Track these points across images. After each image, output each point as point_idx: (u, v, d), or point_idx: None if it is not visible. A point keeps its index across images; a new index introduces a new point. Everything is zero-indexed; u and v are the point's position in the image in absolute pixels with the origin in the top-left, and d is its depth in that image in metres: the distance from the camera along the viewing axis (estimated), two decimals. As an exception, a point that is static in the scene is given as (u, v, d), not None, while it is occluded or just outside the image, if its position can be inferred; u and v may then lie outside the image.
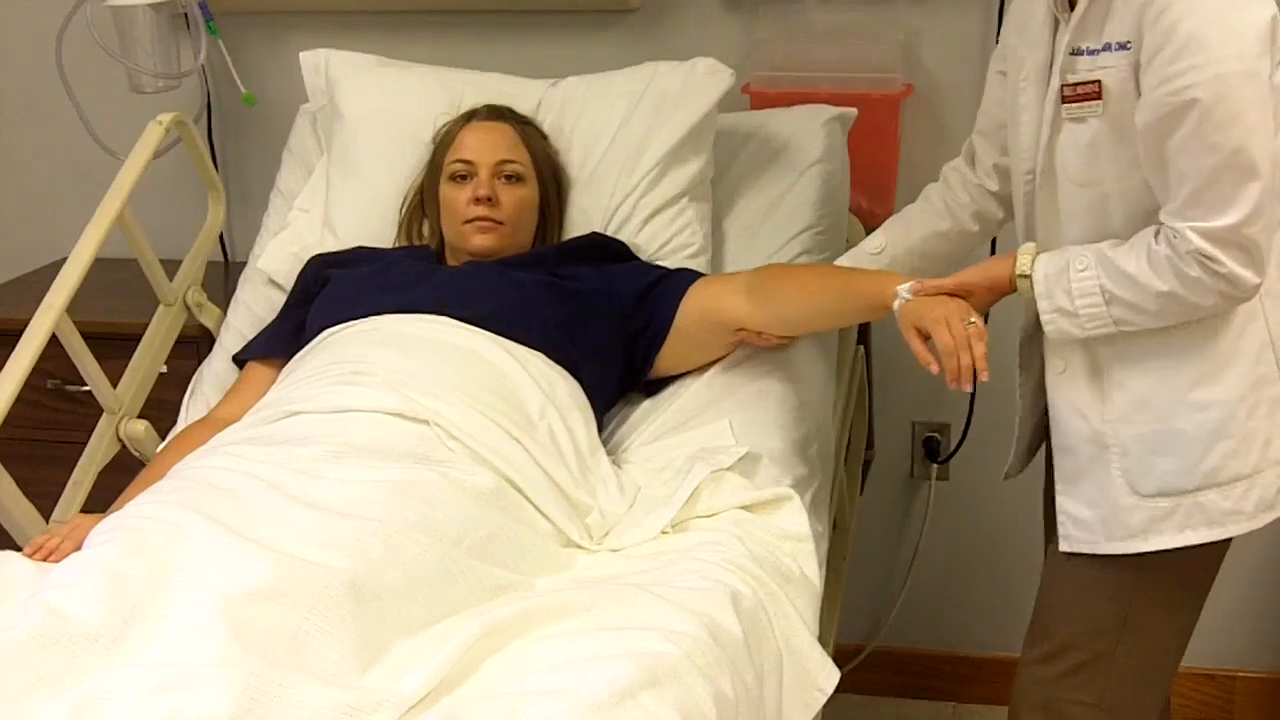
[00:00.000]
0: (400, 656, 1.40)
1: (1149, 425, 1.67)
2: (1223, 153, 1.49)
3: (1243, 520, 1.67)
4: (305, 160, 2.45)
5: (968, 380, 1.66)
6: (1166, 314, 1.60)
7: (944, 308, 1.69)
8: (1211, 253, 1.52)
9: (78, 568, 1.48)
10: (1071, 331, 1.65)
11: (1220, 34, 1.48)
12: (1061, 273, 1.64)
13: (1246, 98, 1.49)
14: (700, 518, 1.76)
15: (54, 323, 1.95)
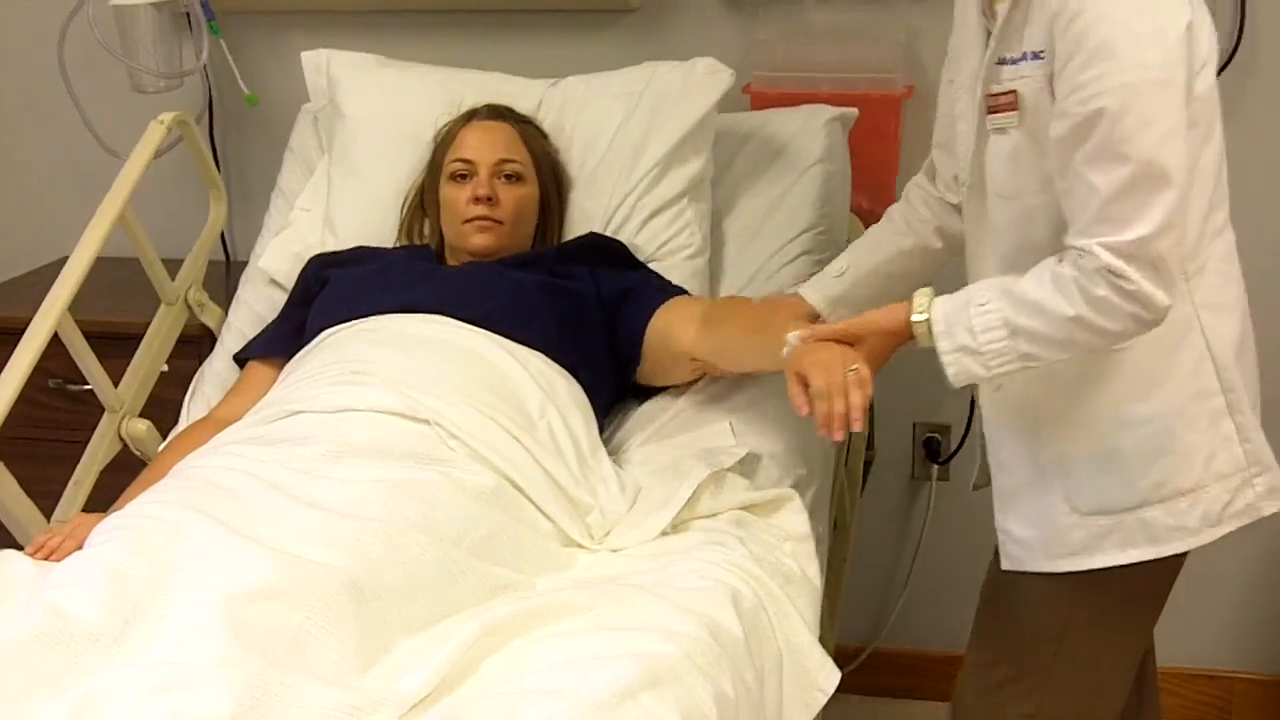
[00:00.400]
0: (401, 656, 1.40)
1: (1086, 443, 1.62)
2: (1132, 163, 1.43)
3: (1187, 536, 1.62)
4: (306, 160, 2.45)
5: (839, 428, 1.60)
6: (1074, 343, 1.52)
7: (827, 353, 1.64)
8: (1120, 268, 1.45)
9: (79, 567, 1.48)
10: (976, 371, 1.55)
11: (1130, 42, 1.43)
12: (962, 310, 1.56)
13: (1157, 106, 1.43)
14: (701, 518, 1.76)
15: (56, 322, 1.96)
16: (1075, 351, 1.54)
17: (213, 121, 2.70)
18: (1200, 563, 2.53)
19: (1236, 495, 1.61)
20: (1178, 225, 1.46)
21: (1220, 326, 1.60)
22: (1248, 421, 1.61)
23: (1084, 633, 1.70)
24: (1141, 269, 1.45)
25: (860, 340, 1.67)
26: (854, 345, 1.67)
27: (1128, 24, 1.44)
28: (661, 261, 2.17)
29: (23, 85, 2.79)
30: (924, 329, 1.59)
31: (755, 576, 1.62)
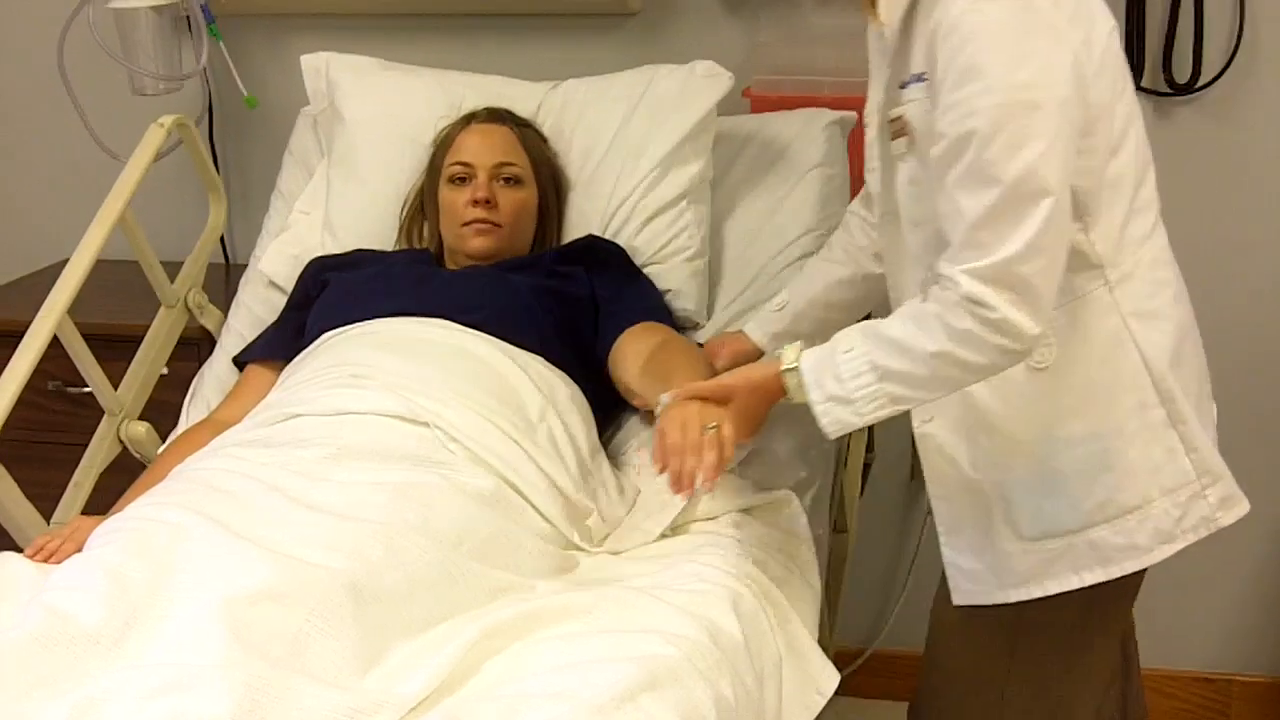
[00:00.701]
0: (401, 658, 1.41)
1: (1024, 467, 1.58)
2: (1000, 186, 1.38)
3: (1140, 555, 1.56)
4: (306, 163, 2.45)
5: (688, 485, 1.56)
6: (942, 380, 1.47)
7: (686, 410, 1.61)
8: (981, 296, 1.39)
9: (79, 569, 1.48)
10: (849, 419, 1.50)
11: (1000, 62, 1.38)
12: (828, 358, 1.51)
13: (1029, 128, 1.37)
14: (700, 521, 1.76)
15: (55, 324, 1.96)
16: (948, 389, 1.50)
17: (212, 124, 2.71)
18: (1198, 566, 2.55)
19: (1189, 509, 1.56)
20: (1047, 249, 1.40)
21: (1153, 335, 1.55)
22: (1192, 431, 1.55)
23: (1034, 659, 1.65)
24: (1005, 294, 1.39)
25: (730, 397, 1.63)
26: (725, 403, 1.63)
27: (998, 43, 1.39)
28: (661, 264, 2.18)
29: (23, 88, 2.79)
30: (794, 381, 1.55)
31: (754, 579, 1.62)
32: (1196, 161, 2.41)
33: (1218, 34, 2.34)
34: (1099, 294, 1.53)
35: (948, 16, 1.41)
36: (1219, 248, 2.43)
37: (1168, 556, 1.57)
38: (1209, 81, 2.35)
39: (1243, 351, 2.46)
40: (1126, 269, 1.54)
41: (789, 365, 1.55)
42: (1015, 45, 1.39)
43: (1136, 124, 1.54)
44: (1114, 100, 1.50)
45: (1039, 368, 1.53)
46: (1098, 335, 1.52)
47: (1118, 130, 1.51)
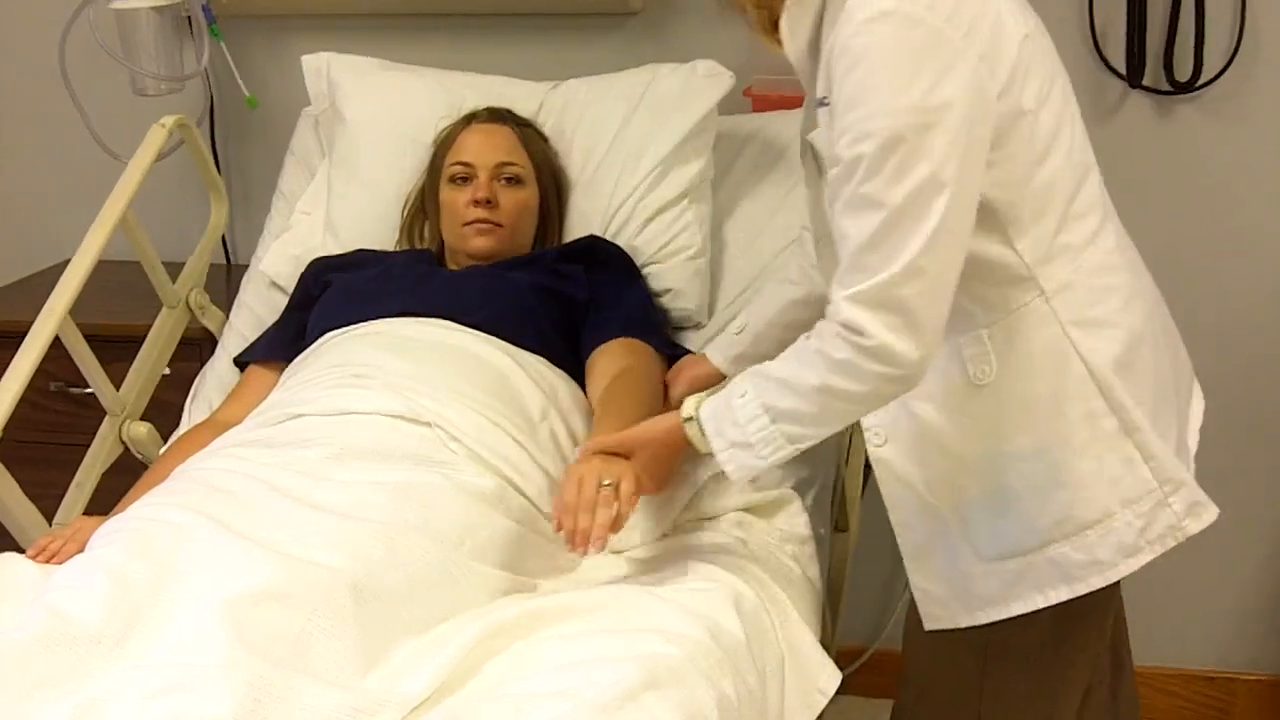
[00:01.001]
0: (403, 658, 1.41)
1: (978, 488, 1.54)
2: (886, 210, 1.35)
3: (1104, 570, 1.51)
4: (307, 163, 2.45)
5: (581, 543, 1.53)
6: (833, 414, 1.44)
7: (586, 466, 1.59)
8: (858, 322, 1.36)
9: (81, 570, 1.48)
10: (753, 464, 1.48)
11: (890, 83, 1.34)
12: (725, 404, 1.50)
13: (918, 152, 1.34)
14: (702, 520, 1.76)
15: (57, 325, 1.96)
16: (840, 422, 1.47)
17: (214, 125, 2.71)
18: (1201, 565, 2.56)
19: (1152, 519, 1.50)
20: (929, 271, 1.36)
21: (1098, 344, 1.49)
22: (1148, 439, 1.50)
23: (1005, 681, 1.62)
24: (884, 317, 1.36)
25: (633, 451, 1.61)
26: (630, 456, 1.61)
27: (886, 65, 1.35)
28: (662, 263, 2.18)
29: (24, 88, 2.79)
30: (695, 431, 1.54)
31: (757, 578, 1.62)
32: (1198, 160, 2.40)
33: (1219, 32, 2.33)
34: (1035, 305, 1.48)
35: (839, 39, 1.38)
36: (1221, 246, 2.43)
37: (1135, 570, 1.52)
38: (1210, 80, 2.35)
39: (1244, 351, 2.46)
40: (1064, 278, 1.49)
41: (688, 415, 1.55)
42: (904, 66, 1.35)
43: (1070, 129, 1.49)
44: (1037, 107, 1.45)
45: (980, 384, 1.51)
46: (1037, 347, 1.49)
47: (1043, 137, 1.46)
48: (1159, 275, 1.66)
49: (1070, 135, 1.49)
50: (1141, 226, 1.68)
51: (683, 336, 2.17)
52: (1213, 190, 2.41)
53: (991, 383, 1.50)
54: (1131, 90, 2.38)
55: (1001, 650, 1.61)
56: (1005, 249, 1.47)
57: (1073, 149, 1.50)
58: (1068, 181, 1.49)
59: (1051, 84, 1.48)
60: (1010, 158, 1.44)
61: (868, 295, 1.37)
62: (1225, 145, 2.39)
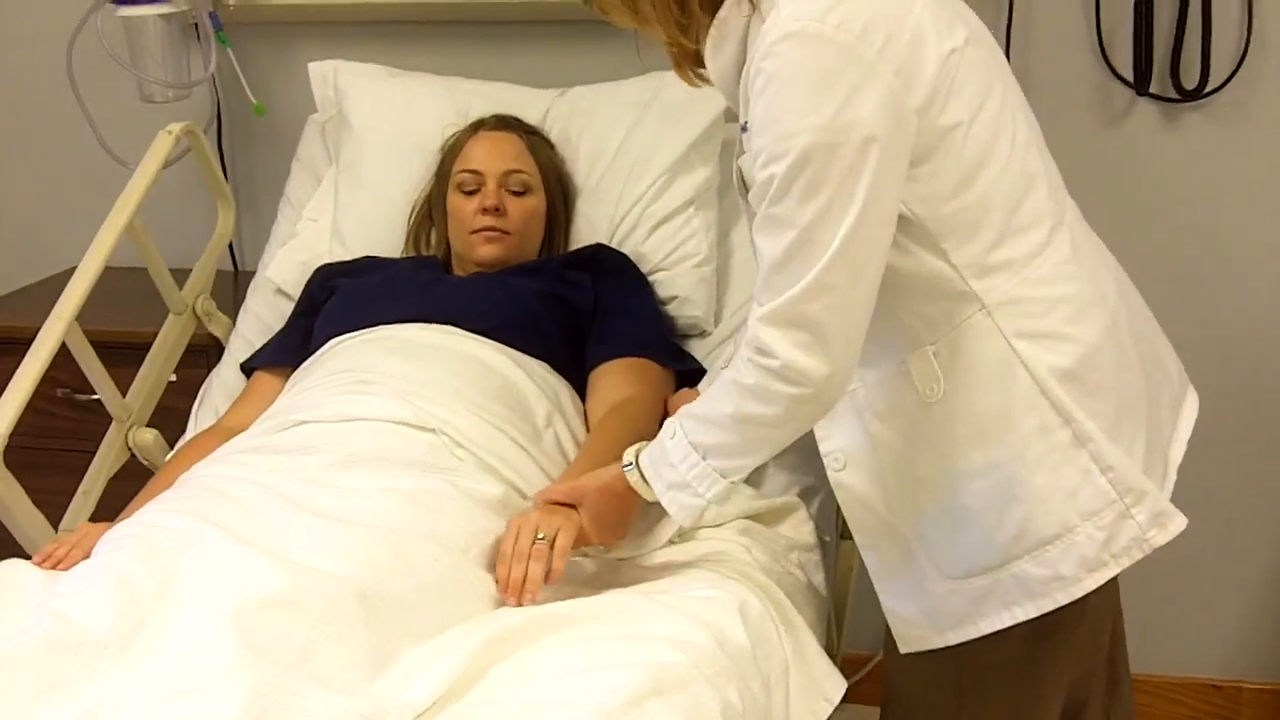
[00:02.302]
0: (409, 664, 1.40)
1: (935, 506, 1.52)
2: (796, 228, 1.35)
3: (1067, 586, 1.48)
4: (314, 170, 2.46)
5: (514, 593, 1.54)
6: (754, 441, 1.46)
7: (524, 518, 1.60)
8: (765, 342, 1.38)
9: (87, 576, 1.49)
10: (692, 503, 1.50)
11: (797, 105, 1.34)
12: (659, 447, 1.52)
13: (827, 170, 1.33)
14: (707, 527, 1.76)
15: (64, 331, 1.96)
16: (767, 449, 1.48)
17: (221, 131, 2.71)
18: (1207, 572, 2.55)
19: (1115, 531, 1.47)
20: (836, 286, 1.36)
21: (1045, 355, 1.46)
22: (1104, 450, 1.46)
23: (982, 699, 1.60)
24: (788, 334, 1.37)
25: (581, 501, 1.62)
26: (578, 506, 1.62)
27: (791, 86, 1.35)
28: (669, 270, 2.18)
29: (32, 95, 2.80)
30: (636, 477, 1.55)
31: (762, 586, 1.62)
32: (1205, 167, 2.40)
33: (1225, 39, 2.33)
34: (977, 320, 1.46)
35: (753, 63, 1.38)
36: (1228, 253, 2.42)
37: (1100, 584, 1.49)
38: (1217, 87, 2.35)
39: (1249, 358, 2.46)
40: (1007, 291, 1.46)
41: (627, 462, 1.56)
42: (812, 86, 1.34)
43: (1008, 142, 1.46)
44: (969, 121, 1.42)
45: (930, 401, 1.49)
46: (983, 361, 1.47)
47: (974, 151, 1.43)
48: (1162, 281, 1.65)
49: (1009, 147, 1.46)
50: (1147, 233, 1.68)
51: (689, 344, 2.17)
52: (1219, 197, 2.41)
53: (941, 400, 1.49)
54: (1138, 98, 2.38)
55: (977, 670, 1.59)
56: (942, 263, 1.45)
57: (1015, 159, 1.46)
58: (1007, 193, 1.46)
59: (987, 95, 1.45)
60: (935, 173, 1.42)
61: (776, 314, 1.38)
62: (1232, 152, 2.39)
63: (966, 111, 1.42)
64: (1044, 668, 1.59)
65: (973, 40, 1.45)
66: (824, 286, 1.36)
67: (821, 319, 1.37)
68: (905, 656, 1.63)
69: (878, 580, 1.63)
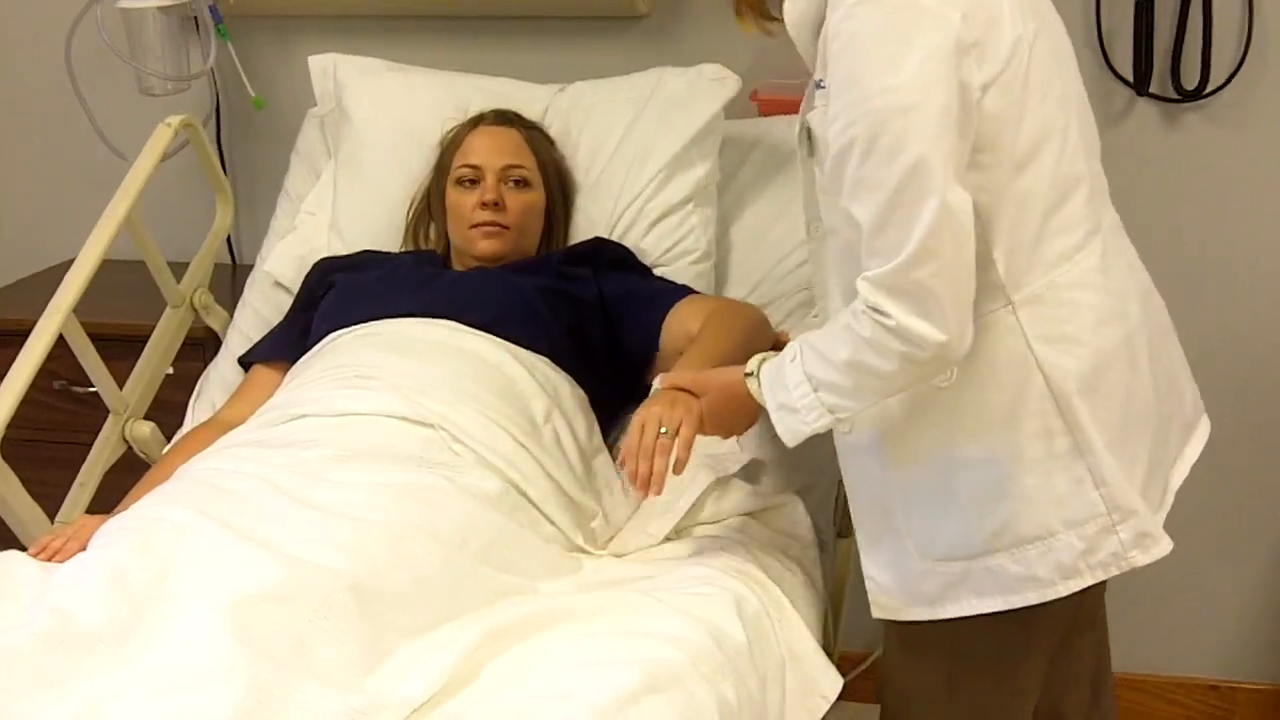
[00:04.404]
0: (405, 659, 1.40)
1: (927, 487, 1.54)
2: (885, 192, 1.35)
3: (1038, 587, 1.49)
4: (313, 163, 2.45)
5: (641, 487, 1.59)
6: (864, 389, 1.46)
7: (649, 410, 1.63)
8: (878, 303, 1.38)
9: (83, 569, 1.49)
10: (798, 428, 1.51)
11: (874, 67, 1.35)
12: (779, 366, 1.53)
13: (908, 131, 1.34)
14: (704, 524, 1.76)
15: (61, 324, 1.96)
16: (875, 397, 1.48)
17: (220, 125, 2.71)
18: (1204, 573, 2.55)
19: (1096, 544, 1.48)
20: (941, 252, 1.36)
21: (1063, 361, 1.47)
22: (1102, 464, 1.47)
23: (969, 686, 1.62)
24: (900, 301, 1.37)
25: (705, 392, 1.65)
26: (700, 396, 1.65)
27: (871, 48, 1.36)
28: (667, 266, 2.18)
29: (30, 87, 2.79)
30: (755, 385, 1.57)
31: (759, 583, 1.62)
32: (1205, 168, 2.40)
33: (1226, 40, 2.33)
34: (1000, 315, 1.47)
35: (831, 24, 1.39)
36: (1227, 254, 2.42)
37: (1071, 593, 1.51)
38: (1217, 88, 2.35)
39: (1249, 358, 2.46)
40: (1034, 291, 1.47)
41: (749, 370, 1.58)
42: (889, 49, 1.36)
43: (1060, 139, 1.47)
44: (1020, 114, 1.43)
45: (941, 386, 1.48)
46: (999, 357, 1.47)
47: (1026, 144, 1.44)
48: (1161, 281, 1.65)
49: (1060, 145, 1.47)
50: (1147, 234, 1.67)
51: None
52: (1219, 198, 2.41)
53: (951, 387, 1.49)
54: (1138, 98, 2.38)
55: (961, 657, 1.61)
56: (983, 253, 1.45)
57: (1062, 161, 1.47)
58: (1048, 194, 1.46)
59: (1047, 90, 1.46)
60: (993, 163, 1.43)
61: (885, 280, 1.38)
62: (1232, 153, 2.39)
63: (1025, 102, 1.44)
64: (1027, 659, 1.61)
65: (1042, 34, 1.47)
66: (930, 252, 1.36)
67: (931, 286, 1.37)
68: (900, 650, 1.64)
69: (861, 545, 1.64)
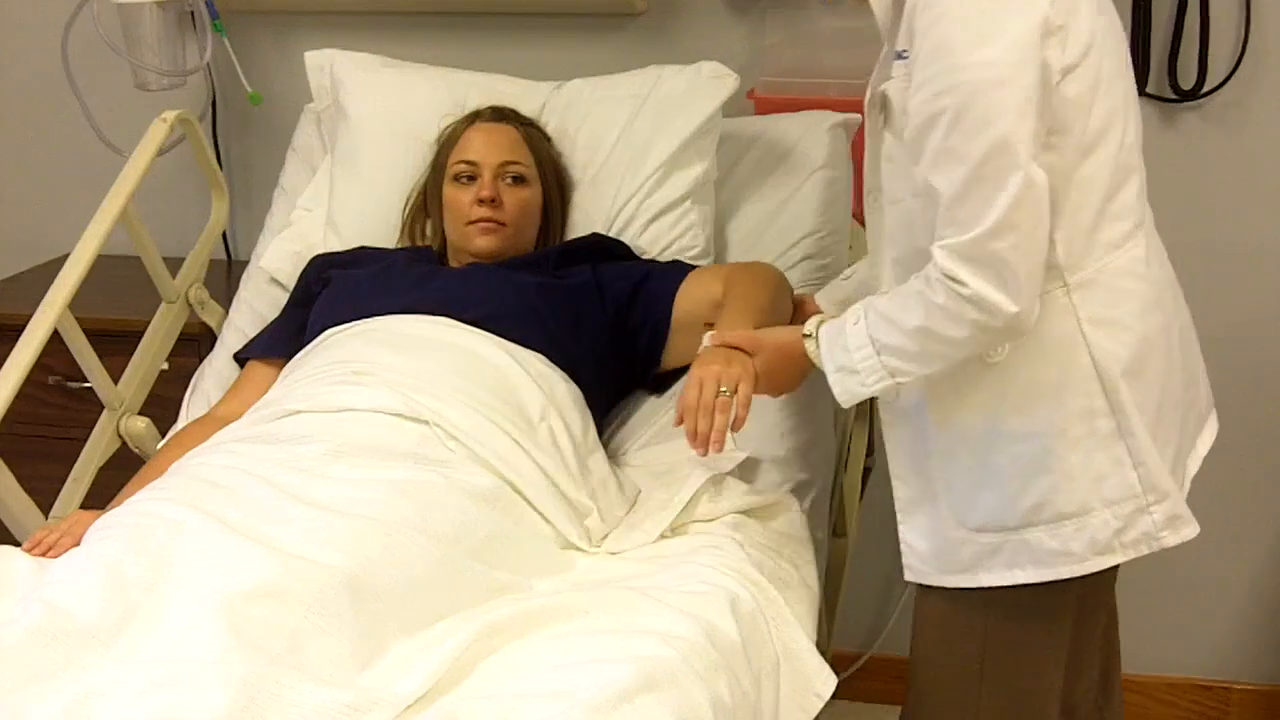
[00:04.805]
0: (398, 656, 1.40)
1: (969, 458, 1.57)
2: (969, 164, 1.39)
3: (1072, 562, 1.54)
4: (309, 159, 2.45)
5: (701, 444, 1.64)
6: (930, 355, 1.50)
7: (706, 368, 1.67)
8: (955, 271, 1.42)
9: (77, 564, 1.48)
10: (856, 390, 1.56)
11: (966, 40, 1.39)
12: (840, 328, 1.57)
13: (995, 106, 1.38)
14: (699, 522, 1.76)
15: (56, 319, 1.95)
16: (938, 364, 1.51)
17: (216, 120, 2.71)
18: (1197, 573, 2.55)
19: (1130, 523, 1.53)
20: (1020, 225, 1.40)
21: (1110, 344, 1.52)
22: (1141, 445, 1.52)
23: (1002, 659, 1.64)
24: (977, 270, 1.41)
25: (759, 351, 1.70)
26: (753, 355, 1.70)
27: (966, 21, 1.40)
28: (664, 264, 2.17)
29: (26, 82, 2.79)
30: (812, 347, 1.62)
31: (753, 581, 1.62)
32: (1202, 167, 2.40)
33: (1223, 40, 2.33)
34: (1055, 295, 1.50)
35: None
36: (1224, 253, 2.43)
37: (1103, 569, 1.55)
38: (1214, 87, 2.35)
39: (1246, 358, 2.46)
40: (1088, 274, 1.51)
41: (808, 332, 1.62)
42: (982, 23, 1.39)
43: (1121, 130, 1.51)
44: (1092, 101, 1.47)
45: (991, 361, 1.53)
46: (1050, 336, 1.51)
47: (1094, 130, 1.48)
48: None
49: (1121, 134, 1.51)
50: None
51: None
52: (1216, 198, 2.41)
53: (1001, 363, 1.53)
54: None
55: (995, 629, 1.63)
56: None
57: (1122, 150, 1.52)
58: (1109, 180, 1.51)
59: (1114, 80, 1.50)
60: (1062, 145, 1.46)
61: (963, 249, 1.41)
62: (1229, 153, 2.39)
63: (1097, 89, 1.47)
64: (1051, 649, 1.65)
65: (1111, 29, 1.52)
66: (1010, 225, 1.39)
67: (1008, 258, 1.41)
68: (931, 629, 1.69)
69: (900, 511, 1.69)
